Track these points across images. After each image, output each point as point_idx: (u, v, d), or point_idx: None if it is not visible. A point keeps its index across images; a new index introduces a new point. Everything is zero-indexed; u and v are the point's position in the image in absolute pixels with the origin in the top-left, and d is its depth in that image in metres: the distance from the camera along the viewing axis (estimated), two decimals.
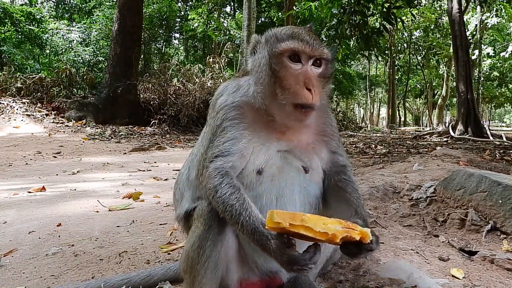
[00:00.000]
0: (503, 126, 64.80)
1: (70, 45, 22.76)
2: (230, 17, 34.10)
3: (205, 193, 1.74)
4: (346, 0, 9.80)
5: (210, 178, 1.67)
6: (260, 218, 1.57)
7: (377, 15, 10.55)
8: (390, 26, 11.57)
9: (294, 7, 19.88)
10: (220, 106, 1.81)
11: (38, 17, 22.86)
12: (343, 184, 1.85)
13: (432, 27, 36.09)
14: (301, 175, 1.78)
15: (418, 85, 48.20)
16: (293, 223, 1.39)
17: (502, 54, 30.30)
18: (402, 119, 50.15)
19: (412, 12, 15.87)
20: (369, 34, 9.69)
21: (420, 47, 39.47)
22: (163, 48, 30.55)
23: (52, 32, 23.25)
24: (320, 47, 1.71)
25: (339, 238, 1.42)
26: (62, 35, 23.32)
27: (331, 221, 1.44)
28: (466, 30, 20.50)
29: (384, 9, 9.58)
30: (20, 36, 21.93)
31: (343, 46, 9.96)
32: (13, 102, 14.93)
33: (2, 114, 13.93)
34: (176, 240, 2.89)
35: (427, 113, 45.34)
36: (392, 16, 9.62)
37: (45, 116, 14.76)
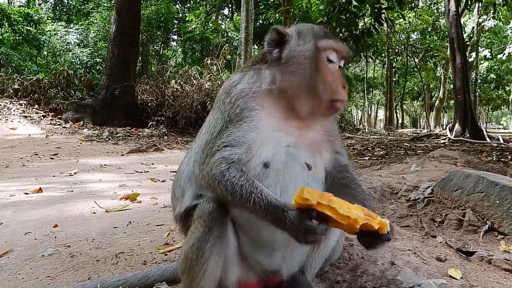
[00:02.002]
0: (500, 128, 65.04)
1: (68, 47, 22.66)
2: (228, 19, 34.12)
3: (207, 181, 1.71)
4: None
5: (215, 165, 1.66)
6: (271, 194, 1.60)
7: (368, 15, 10.45)
8: (380, 27, 11.48)
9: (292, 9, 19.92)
10: (239, 94, 1.78)
11: (36, 18, 22.78)
12: (347, 181, 1.90)
13: (429, 30, 36.25)
14: (304, 171, 1.79)
15: (415, 87, 48.30)
16: (321, 201, 1.43)
17: (499, 56, 30.44)
18: (400, 121, 50.21)
19: (402, 13, 15.83)
20: (359, 34, 9.59)
21: (418, 50, 39.61)
22: (161, 50, 30.54)
23: (50, 33, 23.15)
24: (348, 50, 1.83)
25: (359, 225, 1.46)
26: (60, 36, 23.19)
27: (354, 207, 1.49)
28: (463, 32, 20.61)
29: (375, 10, 9.50)
30: (17, 38, 21.87)
31: None
32: (10, 104, 14.87)
33: None
34: (173, 241, 2.88)
35: (425, 115, 45.42)
36: (384, 18, 9.54)
37: (42, 117, 14.72)
